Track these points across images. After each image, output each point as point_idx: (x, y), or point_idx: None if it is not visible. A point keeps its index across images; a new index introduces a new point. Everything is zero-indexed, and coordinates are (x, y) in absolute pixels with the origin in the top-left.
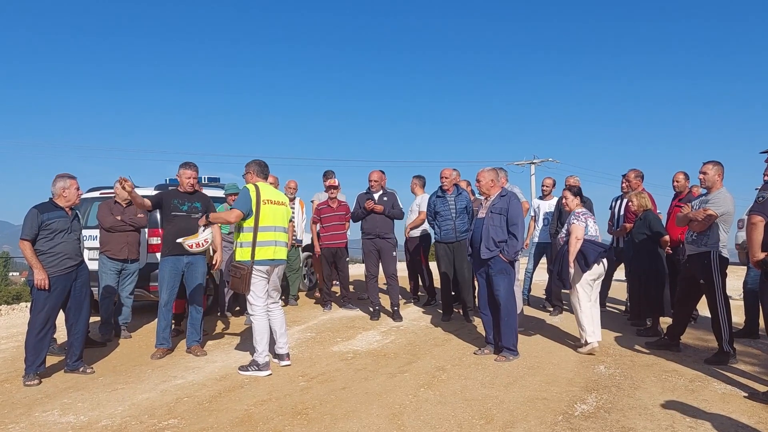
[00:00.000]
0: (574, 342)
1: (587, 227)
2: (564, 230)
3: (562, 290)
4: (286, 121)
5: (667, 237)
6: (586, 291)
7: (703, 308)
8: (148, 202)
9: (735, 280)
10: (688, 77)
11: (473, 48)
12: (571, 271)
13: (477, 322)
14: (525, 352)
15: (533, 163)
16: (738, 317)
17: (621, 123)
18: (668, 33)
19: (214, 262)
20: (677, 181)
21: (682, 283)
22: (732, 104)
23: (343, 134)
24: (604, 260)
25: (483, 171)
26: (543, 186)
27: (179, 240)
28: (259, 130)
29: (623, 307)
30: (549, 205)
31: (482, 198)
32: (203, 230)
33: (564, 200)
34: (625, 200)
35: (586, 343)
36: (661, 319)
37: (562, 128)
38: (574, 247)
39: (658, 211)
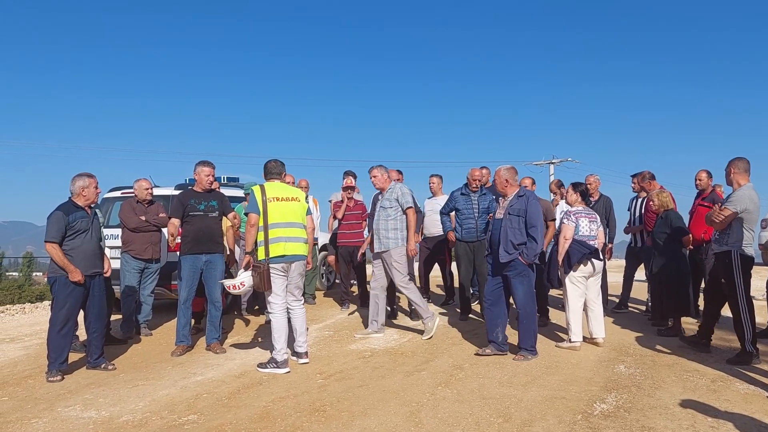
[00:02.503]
0: (590, 341)
1: (578, 227)
2: (556, 229)
3: (552, 289)
4: (303, 124)
5: (689, 236)
6: (575, 289)
7: (725, 308)
8: (177, 221)
9: (759, 281)
10: (708, 81)
11: (493, 53)
12: (560, 271)
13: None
14: (543, 352)
15: (552, 163)
16: (762, 317)
17: (640, 123)
18: (687, 39)
19: (226, 261)
20: (700, 180)
21: (710, 282)
22: (752, 105)
23: (364, 135)
24: (593, 261)
25: (498, 169)
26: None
27: (220, 281)
28: (277, 132)
29: (644, 307)
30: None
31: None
32: (243, 271)
33: (566, 195)
34: (641, 199)
35: (570, 341)
36: (683, 319)
37: (581, 129)
38: (563, 247)
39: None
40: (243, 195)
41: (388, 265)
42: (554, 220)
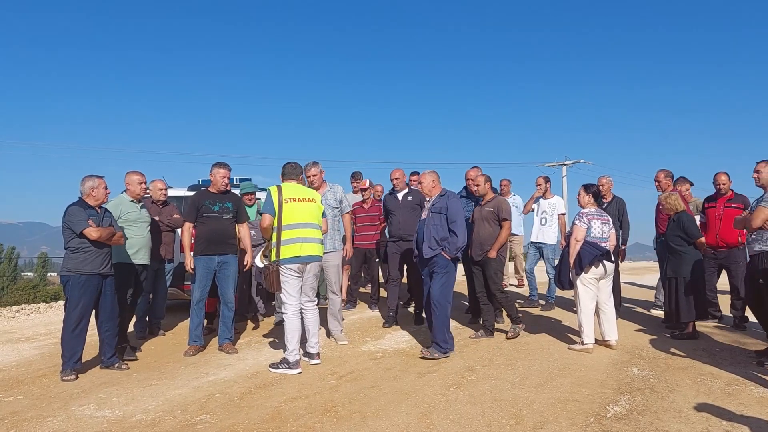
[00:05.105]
0: (602, 343)
1: (590, 229)
2: (567, 230)
3: (561, 290)
4: (315, 125)
5: (702, 239)
6: (587, 291)
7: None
8: (189, 224)
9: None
10: (723, 81)
11: (505, 52)
12: (571, 273)
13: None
14: (556, 354)
15: (565, 164)
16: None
17: (653, 125)
18: (702, 38)
19: (245, 263)
20: (723, 184)
21: (749, 285)
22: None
23: (375, 136)
24: (605, 262)
25: (424, 173)
26: (537, 185)
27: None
28: (287, 133)
29: (661, 312)
30: (548, 204)
31: (426, 199)
32: (260, 263)
33: (578, 197)
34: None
35: (582, 344)
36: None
37: (595, 131)
38: (574, 248)
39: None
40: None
41: (330, 267)
42: (507, 219)
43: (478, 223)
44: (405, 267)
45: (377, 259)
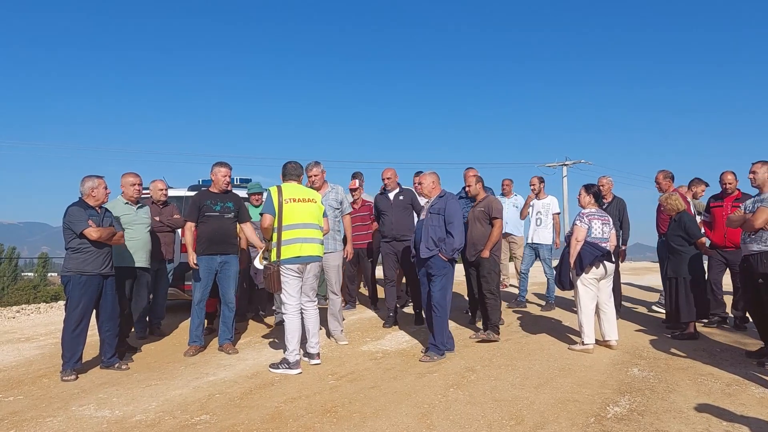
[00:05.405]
0: (603, 343)
1: (590, 229)
2: (568, 230)
3: (562, 290)
4: (315, 125)
5: (703, 239)
6: (587, 291)
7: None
8: (191, 224)
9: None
10: (724, 82)
11: (505, 52)
12: (571, 273)
13: (508, 323)
14: (556, 354)
15: (565, 164)
16: None
17: (654, 125)
18: (704, 39)
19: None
20: (729, 183)
21: (748, 287)
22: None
23: (377, 137)
24: (605, 263)
25: (425, 174)
26: (531, 185)
27: (254, 265)
28: (288, 134)
29: (656, 307)
30: (543, 204)
31: (425, 200)
32: (259, 264)
33: (579, 197)
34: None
35: (582, 344)
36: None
37: (595, 131)
38: (574, 249)
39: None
40: (247, 195)
41: (331, 267)
42: (497, 218)
43: (471, 223)
44: (402, 267)
45: (370, 260)
